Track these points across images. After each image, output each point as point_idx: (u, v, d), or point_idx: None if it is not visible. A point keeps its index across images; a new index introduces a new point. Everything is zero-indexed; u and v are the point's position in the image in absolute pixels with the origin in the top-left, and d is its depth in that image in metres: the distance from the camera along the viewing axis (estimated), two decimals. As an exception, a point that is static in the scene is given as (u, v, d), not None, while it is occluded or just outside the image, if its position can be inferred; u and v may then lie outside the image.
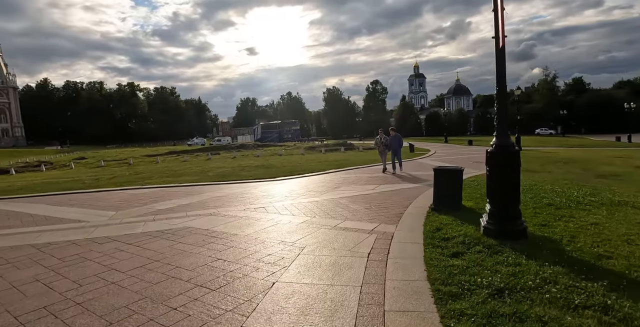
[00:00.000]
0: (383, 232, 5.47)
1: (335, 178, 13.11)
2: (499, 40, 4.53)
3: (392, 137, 14.49)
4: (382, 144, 14.43)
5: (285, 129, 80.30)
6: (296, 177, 14.09)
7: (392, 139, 14.43)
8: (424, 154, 24.76)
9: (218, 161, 27.41)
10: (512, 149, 4.68)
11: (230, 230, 5.91)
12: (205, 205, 8.53)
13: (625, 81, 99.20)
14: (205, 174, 16.90)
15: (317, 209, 7.47)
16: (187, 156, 35.50)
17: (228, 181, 13.62)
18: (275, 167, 18.92)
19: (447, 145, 39.96)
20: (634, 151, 29.44)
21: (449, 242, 4.72)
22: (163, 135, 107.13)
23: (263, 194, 9.90)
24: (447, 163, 17.69)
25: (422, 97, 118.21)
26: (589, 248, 4.44)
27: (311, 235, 5.45)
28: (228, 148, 47.38)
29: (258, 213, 7.25)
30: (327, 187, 10.79)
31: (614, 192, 8.90)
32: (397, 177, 12.41)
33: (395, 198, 8.40)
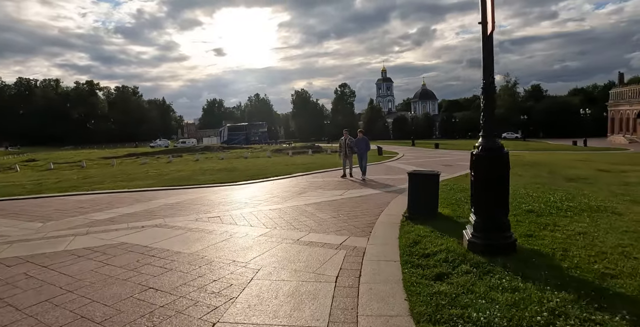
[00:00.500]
0: (353, 247, 4.73)
1: (301, 182, 12.32)
2: (487, 26, 3.90)
3: (359, 140, 13.33)
4: (347, 146, 13.12)
5: (253, 131, 78.74)
6: (260, 181, 13.18)
7: (359, 141, 13.27)
8: (392, 157, 24.40)
9: (179, 164, 25.96)
10: (501, 151, 4.07)
11: (174, 246, 4.98)
12: (153, 214, 7.51)
13: (579, 89, 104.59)
14: (162, 178, 15.65)
15: (279, 218, 6.65)
16: (147, 159, 33.63)
17: (185, 186, 12.52)
18: (238, 171, 17.89)
19: (414, 149, 40.08)
20: (592, 154, 30.44)
21: (430, 260, 4.03)
22: (125, 137, 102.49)
23: (221, 201, 8.95)
24: (417, 166, 17.31)
25: (389, 101, 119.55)
26: (587, 264, 3.88)
27: (269, 252, 4.62)
28: (192, 150, 45.55)
29: (211, 224, 6.33)
30: (292, 192, 9.98)
31: (588, 196, 8.61)
32: (366, 182, 11.76)
33: (365, 205, 7.71)
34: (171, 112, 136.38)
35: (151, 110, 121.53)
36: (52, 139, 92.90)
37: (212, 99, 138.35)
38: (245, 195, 9.89)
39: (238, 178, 14.32)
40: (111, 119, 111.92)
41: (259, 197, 9.36)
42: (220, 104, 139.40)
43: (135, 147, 78.10)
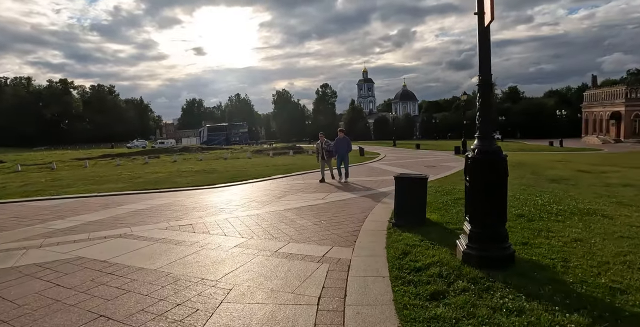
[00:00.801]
0: (337, 259, 4.30)
1: (281, 185, 11.83)
2: (484, 16, 3.53)
3: (340, 140, 12.29)
4: (324, 150, 12.07)
5: (233, 132, 77.54)
6: (239, 184, 12.63)
7: (339, 141, 12.25)
8: (374, 158, 24.13)
9: (155, 165, 25.04)
10: (500, 155, 3.71)
11: (137, 261, 4.44)
12: (120, 222, 6.90)
13: (554, 91, 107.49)
14: (135, 181, 14.89)
15: (256, 226, 6.16)
16: (122, 160, 32.45)
17: (159, 189, 11.86)
18: (217, 173, 17.26)
19: (396, 149, 40.03)
20: (569, 155, 30.96)
21: (423, 275, 3.64)
22: (101, 137, 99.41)
23: (195, 206, 8.39)
24: (399, 167, 17.06)
25: (370, 101, 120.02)
26: (593, 278, 3.56)
27: (244, 267, 4.13)
28: (170, 151, 44.33)
29: (182, 233, 5.80)
30: (272, 196, 9.49)
31: (575, 198, 8.44)
32: (348, 185, 11.36)
33: (348, 210, 7.29)
34: (149, 112, 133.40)
35: (128, 110, 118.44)
36: (23, 140, 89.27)
37: (191, 99, 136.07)
38: (222, 199, 9.35)
39: (216, 180, 13.73)
40: (86, 118, 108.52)
41: (237, 201, 8.84)
42: (200, 103, 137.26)
43: (111, 147, 75.88)
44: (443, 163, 19.22)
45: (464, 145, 28.55)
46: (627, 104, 52.67)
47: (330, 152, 12.13)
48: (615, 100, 55.32)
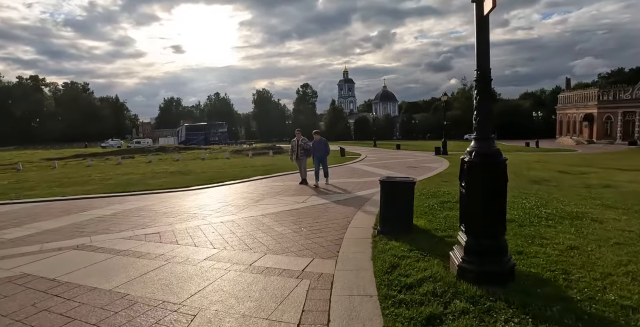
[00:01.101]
0: (318, 274, 3.86)
1: (260, 187, 11.32)
2: (483, 3, 3.16)
3: (317, 142, 11.66)
4: (300, 148, 11.48)
5: (212, 132, 76.15)
6: (215, 186, 12.05)
7: (316, 144, 11.61)
8: (355, 159, 23.83)
9: (129, 166, 24.06)
10: (500, 158, 3.34)
11: (91, 279, 3.89)
12: (80, 230, 6.28)
13: (529, 93, 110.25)
14: (105, 183, 14.10)
15: (230, 234, 5.66)
16: (94, 160, 31.18)
17: (130, 192, 11.17)
18: (193, 174, 16.59)
19: (376, 149, 39.94)
20: (546, 155, 31.48)
21: (415, 293, 3.24)
22: (74, 136, 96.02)
23: (167, 211, 7.80)
24: (380, 168, 16.78)
25: (351, 102, 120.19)
26: (600, 294, 3.24)
27: (213, 285, 3.64)
28: (146, 151, 43.01)
29: (147, 244, 5.25)
30: (249, 199, 8.98)
31: (561, 201, 8.25)
32: (329, 187, 10.95)
33: (330, 215, 6.87)
34: (125, 111, 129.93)
35: (103, 108, 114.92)
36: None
37: (169, 98, 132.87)
38: (196, 203, 8.78)
39: (191, 182, 13.10)
40: (59, 117, 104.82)
41: (211, 205, 8.29)
42: (178, 102, 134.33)
43: (85, 147, 73.39)
44: (424, 164, 19.06)
45: (444, 146, 28.62)
46: (599, 106, 54.20)
47: (307, 151, 11.46)
48: (588, 102, 56.88)
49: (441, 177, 12.83)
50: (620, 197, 9.10)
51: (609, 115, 53.71)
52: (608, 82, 68.42)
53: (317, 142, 11.66)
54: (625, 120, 52.12)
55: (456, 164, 19.13)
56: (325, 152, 11.63)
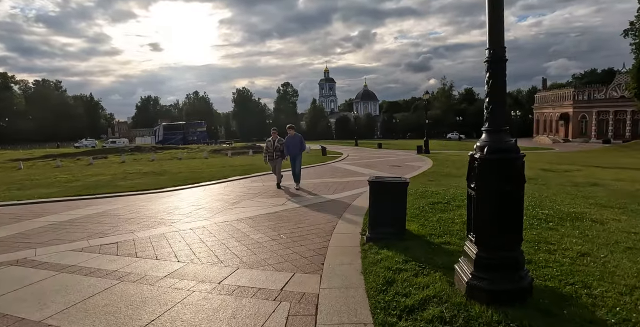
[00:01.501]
0: (300, 294, 3.24)
1: (237, 188, 10.61)
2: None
3: (290, 138, 10.34)
4: (276, 149, 10.31)
5: (191, 131, 74.45)
6: (189, 187, 11.27)
7: (290, 140, 10.33)
8: (337, 158, 23.29)
9: (100, 167, 22.86)
10: (518, 153, 2.80)
11: (19, 307, 3.14)
12: (26, 240, 5.47)
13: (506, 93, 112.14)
14: (71, 185, 13.10)
15: (200, 243, 4.98)
16: (64, 161, 29.67)
17: (95, 195, 10.27)
18: (168, 174, 15.70)
19: (358, 149, 39.56)
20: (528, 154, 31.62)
21: (420, 319, 2.66)
22: (46, 136, 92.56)
23: (131, 216, 7.03)
24: (363, 167, 16.27)
25: (332, 101, 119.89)
26: (635, 314, 2.73)
27: (170, 312, 2.97)
28: (120, 151, 41.42)
29: (101, 257, 4.51)
30: (225, 201, 8.28)
31: (553, 200, 7.92)
32: (310, 189, 10.33)
33: (312, 219, 6.25)
34: (100, 110, 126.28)
35: (77, 107, 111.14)
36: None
37: (146, 96, 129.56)
38: (166, 206, 8.02)
39: (165, 183, 12.28)
40: (30, 116, 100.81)
41: (183, 209, 7.56)
42: (156, 101, 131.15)
43: (57, 147, 70.73)
44: (408, 163, 18.66)
45: (426, 144, 28.41)
46: (575, 105, 55.37)
47: (283, 152, 10.32)
48: (564, 102, 58.05)
49: (427, 177, 12.39)
50: (612, 196, 8.82)
51: (584, 114, 54.92)
52: (581, 82, 70.11)
53: (291, 138, 10.34)
54: (599, 119, 53.40)
55: (440, 162, 18.88)
56: (299, 149, 10.41)
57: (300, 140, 10.41)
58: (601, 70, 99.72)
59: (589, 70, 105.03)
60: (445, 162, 19.00)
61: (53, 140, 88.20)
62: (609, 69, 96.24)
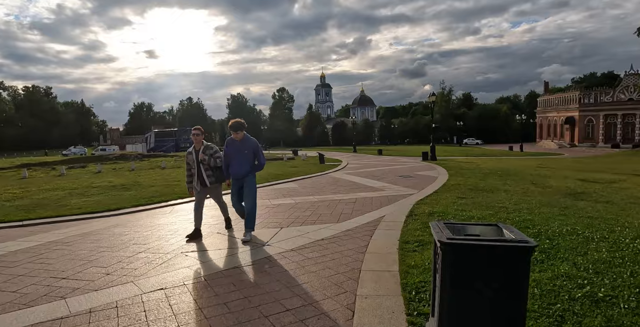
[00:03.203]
0: None
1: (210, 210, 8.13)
2: None
3: (237, 145, 5.63)
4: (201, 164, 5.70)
5: (183, 138, 71.75)
6: (151, 208, 8.81)
7: (231, 149, 5.67)
8: (336, 166, 20.86)
9: (69, 178, 20.26)
10: None
11: None
12: None
13: (505, 97, 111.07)
14: (8, 205, 10.58)
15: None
16: (36, 170, 27.08)
17: (22, 222, 7.78)
18: (137, 188, 13.17)
19: (357, 155, 37.22)
20: (540, 160, 29.39)
21: None
22: (35, 143, 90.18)
23: (17, 274, 4.54)
24: (370, 178, 13.82)
25: (328, 106, 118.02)
26: None
27: None
28: (104, 159, 38.89)
29: None
30: (179, 236, 5.79)
31: (622, 224, 5.54)
32: (307, 212, 7.86)
33: (315, 279, 3.79)
34: (92, 117, 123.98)
35: (67, 113, 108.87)
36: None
37: (140, 103, 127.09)
38: (89, 245, 5.53)
39: (124, 202, 9.80)
40: (19, 123, 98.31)
41: (106, 256, 5.07)
42: (149, 108, 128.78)
43: (45, 155, 68.17)
44: (418, 172, 16.25)
45: (433, 150, 26.05)
46: (581, 109, 53.45)
47: (218, 171, 5.76)
48: (569, 105, 56.13)
49: (452, 192, 9.93)
50: None
51: (591, 118, 52.99)
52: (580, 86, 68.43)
53: (238, 145, 5.60)
54: (607, 123, 51.44)
55: (456, 172, 16.40)
56: (250, 165, 5.65)
57: (253, 149, 5.64)
58: (600, 74, 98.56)
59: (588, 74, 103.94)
60: (460, 170, 16.59)
61: (42, 147, 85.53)
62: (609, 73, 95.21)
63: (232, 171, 5.66)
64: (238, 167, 5.60)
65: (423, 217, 6.41)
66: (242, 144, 5.62)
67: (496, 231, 2.32)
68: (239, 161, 5.59)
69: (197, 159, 5.70)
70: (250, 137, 5.77)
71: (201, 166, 5.71)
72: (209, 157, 5.72)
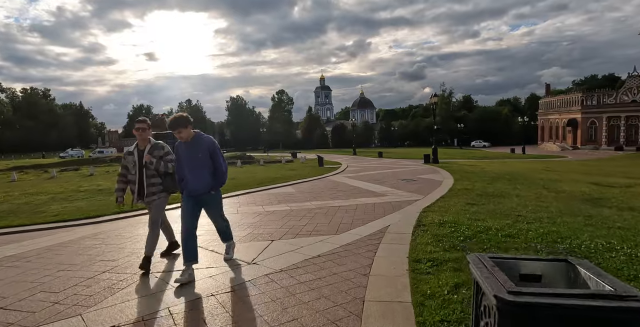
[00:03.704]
0: None
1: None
2: None
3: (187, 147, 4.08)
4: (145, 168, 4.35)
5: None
6: (133, 215, 8.06)
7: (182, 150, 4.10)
8: (335, 169, 20.12)
9: (58, 181, 19.52)
10: None
11: None
12: None
13: (506, 100, 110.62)
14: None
15: None
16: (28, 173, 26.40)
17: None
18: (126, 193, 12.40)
19: (357, 158, 36.51)
20: (545, 163, 28.66)
21: None
22: (34, 146, 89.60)
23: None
24: (372, 182, 13.06)
25: (328, 109, 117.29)
26: None
27: None
28: (99, 162, 38.28)
29: None
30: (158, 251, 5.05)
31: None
32: (302, 222, 7.13)
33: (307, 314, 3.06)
34: (90, 119, 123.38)
35: (66, 115, 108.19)
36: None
37: (138, 105, 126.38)
38: (40, 266, 4.80)
39: (107, 209, 9.07)
40: (17, 125, 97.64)
41: (63, 272, 4.33)
42: (148, 110, 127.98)
43: (42, 157, 67.51)
44: (421, 175, 15.50)
45: (435, 153, 25.28)
46: (583, 111, 52.75)
47: (168, 179, 4.44)
48: (572, 107, 55.44)
49: (461, 197, 9.17)
50: None
51: (594, 120, 52.26)
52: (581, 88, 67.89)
53: (189, 148, 4.10)
54: (610, 125, 50.73)
55: (461, 175, 15.59)
56: (211, 174, 4.14)
57: (209, 150, 4.12)
58: (601, 76, 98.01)
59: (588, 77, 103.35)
60: (465, 174, 15.84)
61: (40, 149, 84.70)
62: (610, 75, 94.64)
63: (186, 186, 4.08)
64: (194, 180, 4.01)
65: (433, 228, 5.67)
66: (193, 146, 4.05)
67: (566, 270, 1.58)
68: (194, 172, 4.03)
69: (140, 162, 4.34)
70: (204, 134, 4.24)
71: (144, 171, 4.32)
72: (158, 160, 4.32)
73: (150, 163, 4.30)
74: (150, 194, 4.36)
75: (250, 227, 6.35)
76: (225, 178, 4.26)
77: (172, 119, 4.02)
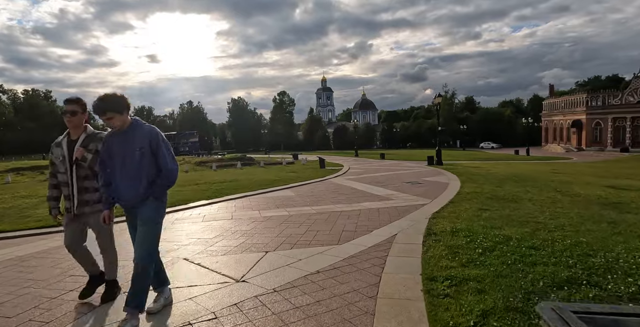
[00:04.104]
0: None
1: (178, 233, 6.84)
2: None
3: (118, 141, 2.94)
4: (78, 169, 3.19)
5: (182, 141, 70.91)
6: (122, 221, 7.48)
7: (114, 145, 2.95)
8: (337, 171, 19.55)
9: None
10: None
11: None
12: None
13: (508, 101, 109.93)
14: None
15: None
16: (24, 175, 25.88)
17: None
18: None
19: (359, 159, 35.97)
20: (552, 165, 28.04)
21: None
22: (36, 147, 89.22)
23: None
24: (374, 185, 12.49)
25: (329, 110, 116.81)
26: None
27: None
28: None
29: None
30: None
31: None
32: (305, 225, 6.57)
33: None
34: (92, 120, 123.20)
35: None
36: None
37: (140, 107, 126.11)
38: (4, 282, 4.25)
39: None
40: (18, 126, 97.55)
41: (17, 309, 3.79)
42: (150, 111, 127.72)
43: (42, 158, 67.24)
44: (426, 178, 14.93)
45: (439, 154, 24.71)
46: (588, 112, 52.08)
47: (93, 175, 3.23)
48: (576, 108, 54.76)
49: (471, 201, 8.59)
50: None
51: (599, 121, 51.57)
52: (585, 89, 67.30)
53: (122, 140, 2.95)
54: (615, 126, 50.03)
55: (468, 177, 14.98)
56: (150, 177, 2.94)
57: (150, 144, 2.93)
58: (605, 77, 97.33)
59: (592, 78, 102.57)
60: (472, 176, 15.25)
61: (42, 151, 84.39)
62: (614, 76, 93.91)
63: (116, 193, 2.97)
64: (125, 185, 2.91)
65: (446, 237, 5.10)
66: (127, 138, 2.92)
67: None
68: (125, 173, 2.90)
69: (71, 157, 3.18)
70: (145, 123, 3.05)
71: (74, 170, 3.19)
72: (94, 155, 3.14)
73: (83, 160, 3.12)
74: (83, 203, 3.18)
75: (244, 235, 5.79)
76: (172, 180, 2.99)
77: (99, 99, 2.82)
